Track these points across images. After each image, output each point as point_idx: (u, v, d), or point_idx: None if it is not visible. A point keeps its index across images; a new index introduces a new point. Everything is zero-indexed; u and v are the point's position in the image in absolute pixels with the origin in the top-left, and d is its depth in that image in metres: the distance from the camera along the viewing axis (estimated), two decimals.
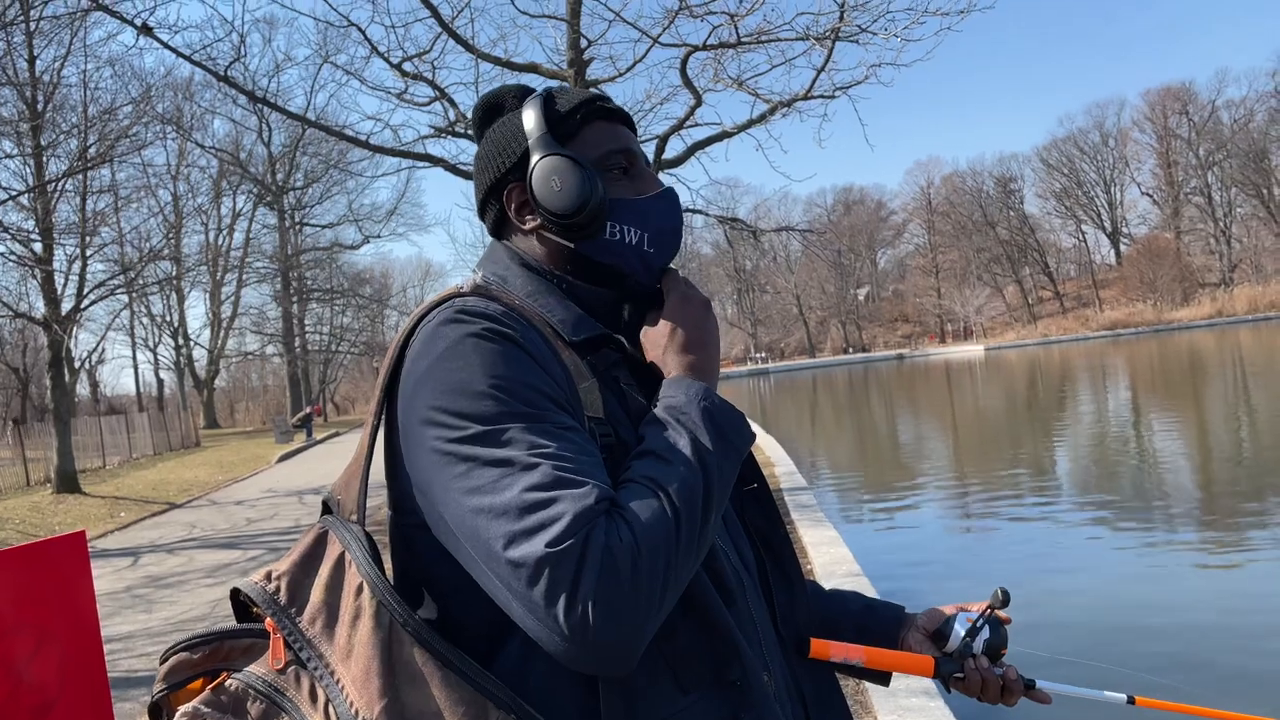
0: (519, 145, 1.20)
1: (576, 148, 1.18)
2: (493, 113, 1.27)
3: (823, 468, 16.76)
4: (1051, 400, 26.51)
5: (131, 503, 17.48)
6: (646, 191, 1.21)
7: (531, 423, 0.98)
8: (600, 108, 1.22)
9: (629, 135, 1.24)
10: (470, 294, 1.12)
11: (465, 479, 0.96)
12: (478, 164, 1.26)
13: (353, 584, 1.01)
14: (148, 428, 31.56)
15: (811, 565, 6.59)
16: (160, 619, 7.61)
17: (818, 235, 71.25)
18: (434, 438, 0.99)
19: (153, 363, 60.08)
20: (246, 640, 1.08)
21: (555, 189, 1.15)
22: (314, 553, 1.07)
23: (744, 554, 1.21)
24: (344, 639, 1.00)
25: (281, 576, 1.05)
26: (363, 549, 1.03)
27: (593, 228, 1.17)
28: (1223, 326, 65.79)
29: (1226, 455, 13.40)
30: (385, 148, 11.01)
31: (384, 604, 0.99)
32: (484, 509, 0.94)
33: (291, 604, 1.03)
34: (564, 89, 1.24)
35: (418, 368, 1.04)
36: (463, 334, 1.03)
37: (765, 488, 1.30)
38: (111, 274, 22.15)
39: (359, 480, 1.08)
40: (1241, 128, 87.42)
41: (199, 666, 1.06)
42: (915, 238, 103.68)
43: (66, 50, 18.58)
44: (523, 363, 1.02)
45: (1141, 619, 6.45)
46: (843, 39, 9.27)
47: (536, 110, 1.19)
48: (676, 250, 1.24)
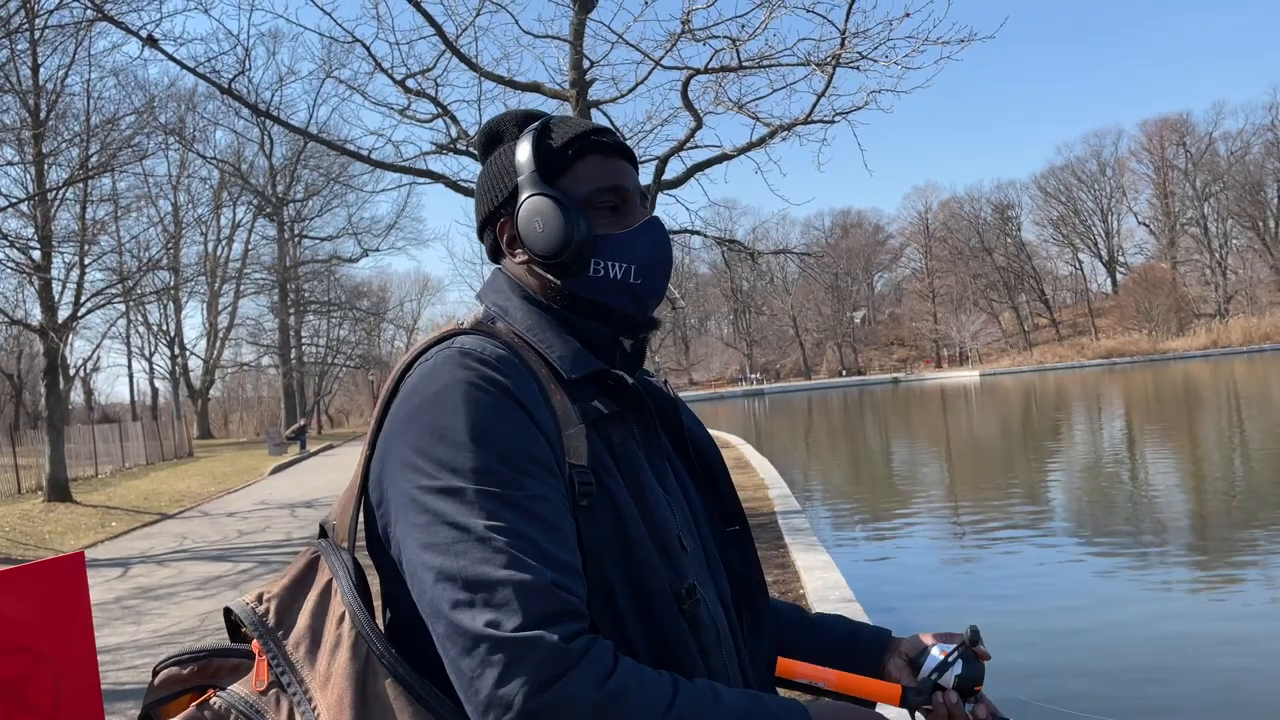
0: (509, 181, 1.20)
1: (567, 183, 1.18)
2: (494, 141, 1.27)
3: (817, 491, 16.75)
4: (1046, 428, 26.53)
5: (123, 512, 17.40)
6: (632, 224, 1.20)
7: (503, 487, 0.98)
8: (595, 142, 1.21)
9: (623, 170, 1.22)
10: (471, 331, 1.13)
11: (424, 531, 0.98)
12: (477, 191, 1.27)
13: (336, 612, 1.03)
14: (141, 437, 31.48)
15: (804, 590, 6.58)
16: (149, 631, 7.56)
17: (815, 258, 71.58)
18: (406, 479, 1.01)
19: (148, 372, 60.01)
20: (235, 659, 1.10)
21: (538, 230, 1.16)
22: (305, 578, 1.08)
23: (723, 595, 1.20)
24: (324, 666, 1.01)
25: (272, 599, 1.07)
26: (348, 577, 1.04)
27: (576, 266, 1.17)
28: (1217, 357, 65.96)
29: (1221, 488, 13.41)
30: (387, 163, 11.05)
31: (363, 635, 1.00)
32: (434, 567, 0.96)
33: (279, 627, 1.05)
34: (564, 120, 1.23)
35: (409, 404, 1.06)
36: (456, 379, 1.04)
37: (747, 530, 1.29)
38: (109, 283, 22.14)
39: (353, 507, 1.10)
40: (1238, 160, 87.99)
41: (188, 682, 1.09)
42: (912, 262, 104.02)
43: (71, 59, 18.68)
44: (511, 417, 1.03)
45: (1132, 657, 6.45)
46: (843, 65, 9.33)
47: (528, 146, 1.19)
48: (666, 278, 1.23)
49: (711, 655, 1.11)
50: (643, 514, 1.11)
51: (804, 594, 6.47)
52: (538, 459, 1.02)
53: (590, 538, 1.05)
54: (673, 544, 1.13)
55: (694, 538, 1.19)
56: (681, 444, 1.28)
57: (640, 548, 1.08)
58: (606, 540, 1.06)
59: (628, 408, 1.18)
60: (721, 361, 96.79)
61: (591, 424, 1.12)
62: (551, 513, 1.00)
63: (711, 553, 1.22)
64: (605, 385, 1.17)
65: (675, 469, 1.25)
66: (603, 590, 1.05)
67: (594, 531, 1.06)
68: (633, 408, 1.19)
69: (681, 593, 1.10)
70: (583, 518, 1.05)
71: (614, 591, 1.06)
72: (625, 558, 1.07)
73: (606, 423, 1.14)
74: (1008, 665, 6.30)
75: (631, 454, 1.14)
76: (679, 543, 1.14)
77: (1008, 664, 6.32)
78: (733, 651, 1.17)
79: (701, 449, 1.30)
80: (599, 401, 1.14)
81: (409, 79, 10.17)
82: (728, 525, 1.28)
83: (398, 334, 72.22)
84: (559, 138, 1.20)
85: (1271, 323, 74.59)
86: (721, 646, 1.14)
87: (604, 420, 1.14)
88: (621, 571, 1.07)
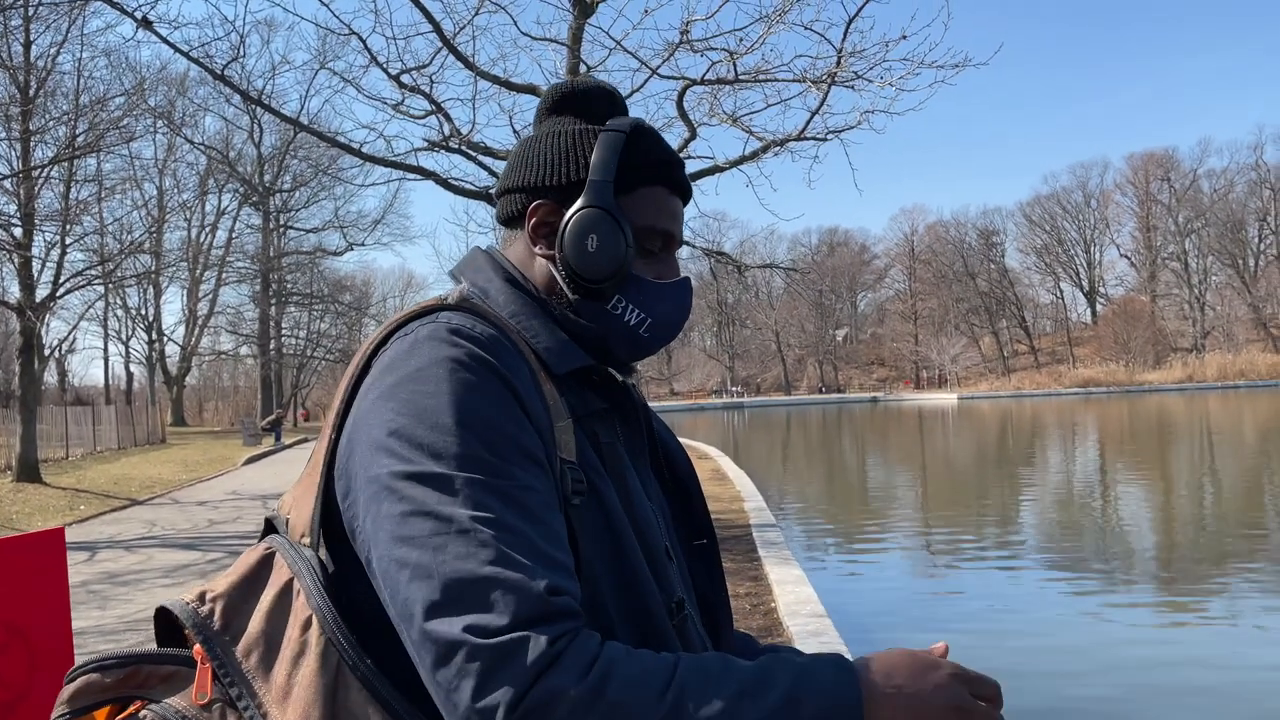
0: (575, 171, 1.09)
1: (628, 204, 1.10)
2: (566, 108, 1.15)
3: (793, 505, 16.78)
4: (1021, 453, 26.71)
5: (92, 496, 17.21)
6: (665, 277, 1.13)
7: (489, 476, 0.88)
8: (670, 177, 1.13)
9: (679, 213, 1.15)
10: (458, 307, 1.03)
11: (399, 523, 0.86)
12: (524, 151, 1.14)
13: (300, 616, 0.91)
14: (114, 421, 31.19)
15: (776, 604, 6.58)
16: (114, 617, 7.48)
17: (801, 274, 71.88)
18: (379, 464, 0.90)
19: (124, 355, 59.58)
20: (169, 667, 0.95)
21: (588, 248, 1.07)
22: (257, 575, 0.96)
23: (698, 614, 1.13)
24: (282, 678, 0.89)
25: (218, 599, 0.94)
26: (314, 577, 0.92)
27: (600, 295, 1.09)
28: (1193, 392, 66.65)
29: (1190, 518, 13.54)
30: (377, 157, 11.00)
31: (334, 643, 0.89)
32: (408, 563, 0.85)
33: (225, 631, 0.92)
34: (652, 132, 1.14)
35: (384, 381, 0.95)
36: (443, 355, 0.94)
37: (715, 545, 1.22)
38: (90, 264, 21.93)
39: (314, 498, 0.97)
40: (1221, 198, 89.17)
41: (109, 691, 0.94)
42: (896, 283, 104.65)
43: (63, 37, 18.57)
44: (500, 401, 0.93)
45: (1092, 680, 6.49)
46: (838, 84, 9.38)
47: (613, 150, 1.09)
48: (671, 340, 1.17)
49: None
50: (631, 519, 1.02)
51: (776, 607, 6.49)
52: (527, 450, 0.92)
53: (582, 540, 0.95)
54: (659, 554, 1.05)
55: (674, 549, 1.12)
56: (653, 452, 1.20)
57: (631, 555, 1.00)
58: (598, 544, 0.97)
59: (614, 407, 1.11)
60: (703, 373, 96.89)
61: (579, 420, 1.03)
62: (543, 507, 0.90)
63: (683, 567, 1.14)
64: (591, 382, 1.09)
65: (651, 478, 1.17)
66: (593, 599, 0.95)
67: (584, 534, 0.96)
68: (618, 408, 1.12)
69: (672, 606, 1.03)
70: (574, 517, 0.96)
71: (605, 602, 0.96)
72: (616, 564, 0.98)
73: (594, 420, 1.06)
74: None
75: (618, 455, 1.07)
76: (666, 553, 1.07)
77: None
78: None
79: (673, 457, 1.22)
80: (585, 397, 1.06)
81: (404, 74, 10.14)
82: (695, 539, 1.20)
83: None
84: (643, 155, 1.11)
85: (1247, 360, 75.52)
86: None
87: (591, 417, 1.06)
88: (612, 580, 0.98)
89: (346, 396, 0.99)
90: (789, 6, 9.13)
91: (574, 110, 1.15)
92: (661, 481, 1.19)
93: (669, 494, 1.20)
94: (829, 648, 5.31)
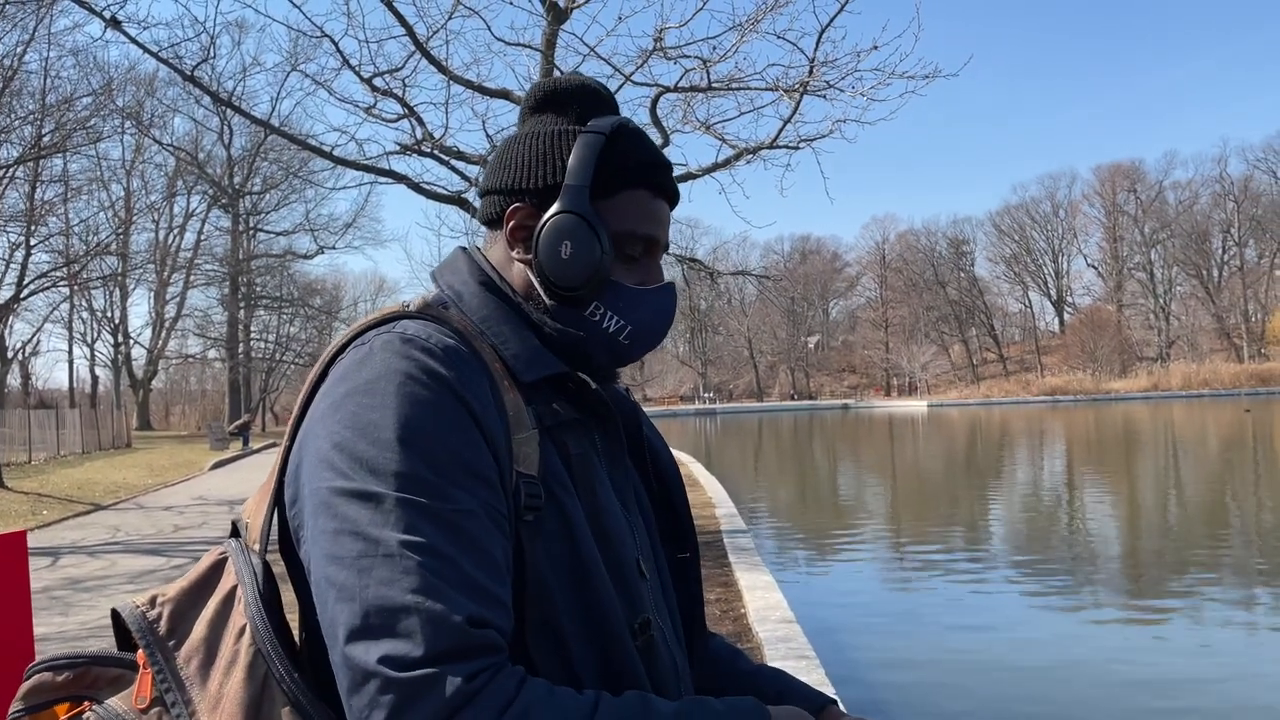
0: (552, 174, 1.06)
1: (607, 210, 1.06)
2: (549, 107, 1.12)
3: (763, 512, 16.83)
4: (990, 461, 26.96)
5: (55, 501, 16.95)
6: (647, 283, 1.10)
7: (426, 497, 0.86)
8: (654, 179, 1.09)
9: (664, 218, 1.11)
10: (417, 315, 1.00)
11: (331, 540, 0.86)
12: (505, 152, 1.11)
13: (236, 624, 0.91)
14: (78, 425, 30.77)
15: (746, 610, 6.60)
16: (77, 623, 7.37)
17: (773, 281, 72.23)
18: (320, 477, 0.89)
19: (89, 358, 58.65)
20: (118, 669, 0.96)
21: (562, 255, 1.04)
22: (208, 580, 0.96)
23: (677, 628, 1.11)
24: (215, 686, 0.89)
25: (167, 603, 0.95)
26: (254, 585, 0.92)
27: (576, 302, 1.06)
28: (1157, 400, 67.59)
29: (1155, 525, 13.72)
30: (349, 160, 10.94)
31: (262, 653, 0.88)
32: (335, 584, 0.84)
33: (170, 636, 0.93)
34: (635, 136, 1.10)
35: (335, 391, 0.93)
36: (393, 368, 0.91)
37: (696, 557, 1.18)
38: (55, 265, 21.64)
39: (269, 503, 0.97)
40: (1186, 209, 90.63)
41: (61, 690, 0.95)
42: (867, 291, 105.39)
43: (30, 36, 18.34)
44: (449, 416, 0.90)
45: (1062, 688, 6.55)
46: (810, 93, 9.46)
47: (591, 153, 1.05)
48: (653, 348, 1.13)
49: (669, 695, 0.99)
50: (598, 534, 0.99)
51: (745, 613, 6.50)
52: (473, 469, 0.90)
53: (535, 559, 0.93)
54: (630, 570, 1.01)
55: (652, 564, 1.08)
56: (640, 458, 1.16)
57: (593, 572, 0.96)
58: (555, 561, 0.94)
59: (589, 416, 1.07)
60: (676, 379, 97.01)
61: (546, 430, 1.00)
62: (480, 532, 0.88)
63: (666, 581, 1.12)
64: (565, 390, 1.05)
65: (635, 486, 1.13)
66: (548, 619, 0.93)
67: (540, 551, 0.94)
68: (596, 416, 1.08)
69: (635, 627, 0.99)
70: (527, 534, 0.93)
71: (561, 622, 0.94)
72: (576, 583, 0.95)
73: (563, 430, 1.02)
74: (934, 689, 6.37)
75: (589, 466, 1.03)
76: (638, 569, 1.03)
77: (934, 686, 6.40)
78: (691, 690, 1.08)
79: (661, 464, 1.19)
80: (558, 405, 1.03)
81: (376, 78, 10.09)
82: (678, 550, 1.17)
83: None
84: (623, 158, 1.07)
85: (1210, 369, 76.71)
86: (680, 685, 1.04)
87: (561, 427, 1.02)
88: (571, 599, 0.95)
89: (303, 403, 0.98)
90: (762, 15, 9.20)
91: (556, 109, 1.11)
92: (648, 490, 1.16)
93: (654, 503, 1.16)
94: (796, 653, 5.33)
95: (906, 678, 6.73)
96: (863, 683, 6.43)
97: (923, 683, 6.61)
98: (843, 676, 5.74)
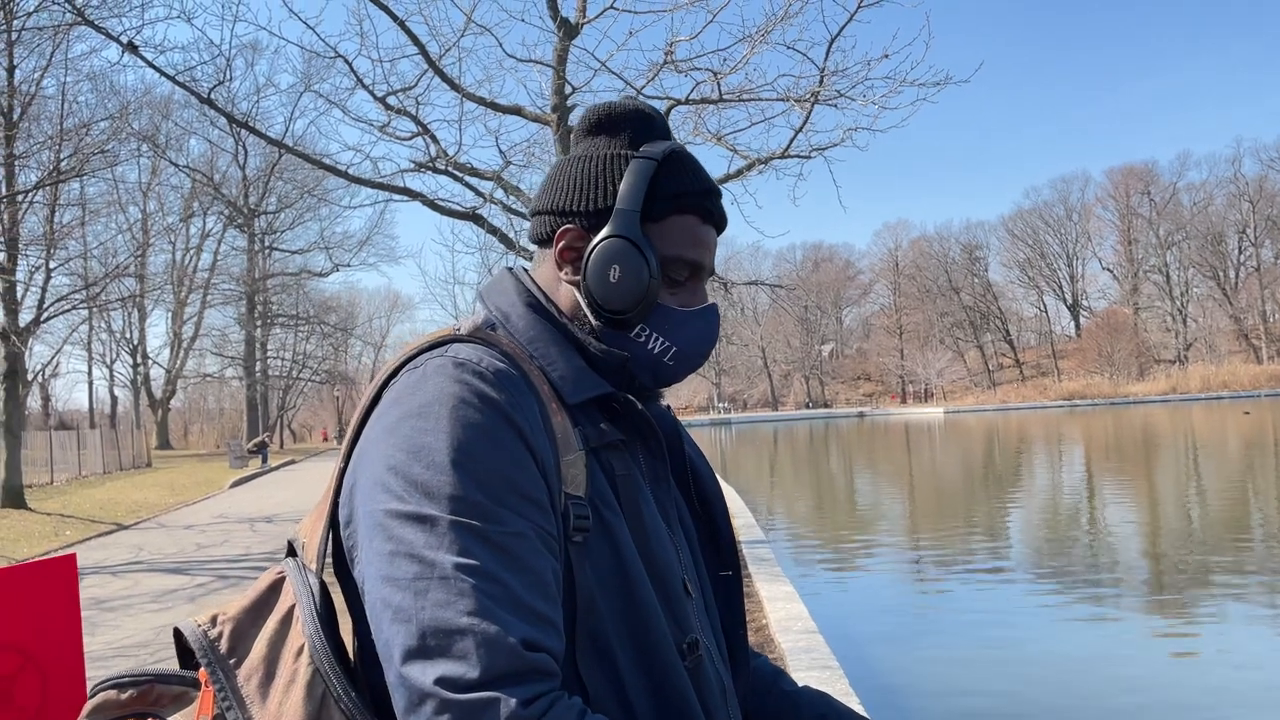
0: (603, 197, 1.07)
1: (656, 233, 1.07)
2: (603, 130, 1.12)
3: (782, 521, 16.79)
4: (1010, 467, 26.81)
5: (78, 521, 17.07)
6: (691, 305, 1.11)
7: (479, 520, 0.88)
8: (703, 206, 1.10)
9: (711, 243, 1.12)
10: (468, 338, 1.02)
11: (387, 562, 0.88)
12: (558, 174, 1.13)
13: (294, 644, 0.93)
14: (99, 445, 30.98)
15: (768, 621, 6.60)
16: (102, 643, 7.42)
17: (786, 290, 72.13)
18: (375, 499, 0.91)
19: (108, 379, 59.23)
20: (180, 687, 0.98)
21: (611, 279, 1.05)
22: (266, 600, 0.98)
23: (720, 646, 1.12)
24: (275, 704, 0.91)
25: (227, 622, 0.97)
26: (312, 605, 0.94)
27: (623, 324, 1.07)
28: (1176, 403, 67.06)
29: (1177, 530, 13.61)
30: (363, 179, 11.04)
31: (320, 673, 0.90)
32: (391, 605, 0.86)
33: (231, 654, 0.94)
34: (686, 162, 1.11)
35: (389, 415, 0.95)
36: (445, 391, 0.93)
37: (739, 576, 1.19)
38: (74, 288, 21.86)
39: (324, 523, 0.99)
40: (1201, 210, 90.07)
41: (126, 708, 0.97)
42: (881, 298, 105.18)
43: (48, 62, 18.53)
44: (500, 440, 0.92)
45: (1081, 697, 6.51)
46: (821, 102, 9.48)
47: (643, 179, 1.06)
48: (697, 369, 1.14)
49: (717, 715, 1.02)
50: (644, 555, 1.00)
51: (767, 624, 6.50)
52: (524, 492, 0.92)
53: (585, 580, 0.94)
54: (676, 590, 1.03)
55: (696, 583, 1.09)
56: (682, 477, 1.17)
57: (641, 593, 0.97)
58: (604, 583, 0.96)
59: (634, 435, 1.08)
60: (690, 389, 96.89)
61: (593, 451, 1.01)
62: (531, 555, 0.90)
63: (710, 599, 1.13)
64: (610, 409, 1.07)
65: (678, 504, 1.14)
66: (598, 640, 0.94)
67: (589, 572, 0.95)
68: (640, 435, 1.09)
69: (684, 647, 1.00)
70: (576, 556, 0.95)
71: (610, 643, 0.95)
72: (624, 603, 0.96)
73: (609, 451, 1.04)
74: (960, 697, 6.35)
75: (636, 487, 1.04)
76: (684, 588, 1.04)
77: (960, 695, 6.37)
78: (738, 710, 1.09)
79: (702, 482, 1.19)
80: (603, 426, 1.04)
81: (390, 96, 10.19)
82: (721, 569, 1.17)
83: (365, 350, 71.84)
84: (674, 184, 1.08)
85: (1229, 371, 76.09)
86: (728, 705, 1.06)
87: (606, 448, 1.03)
88: (620, 620, 0.96)
89: (358, 426, 1.00)
90: (772, 26, 9.25)
91: (610, 132, 1.12)
92: (691, 509, 1.17)
93: (697, 522, 1.17)
94: (819, 663, 5.33)
95: (931, 687, 6.70)
96: (886, 691, 6.41)
97: (949, 691, 6.58)
98: (867, 686, 5.73)
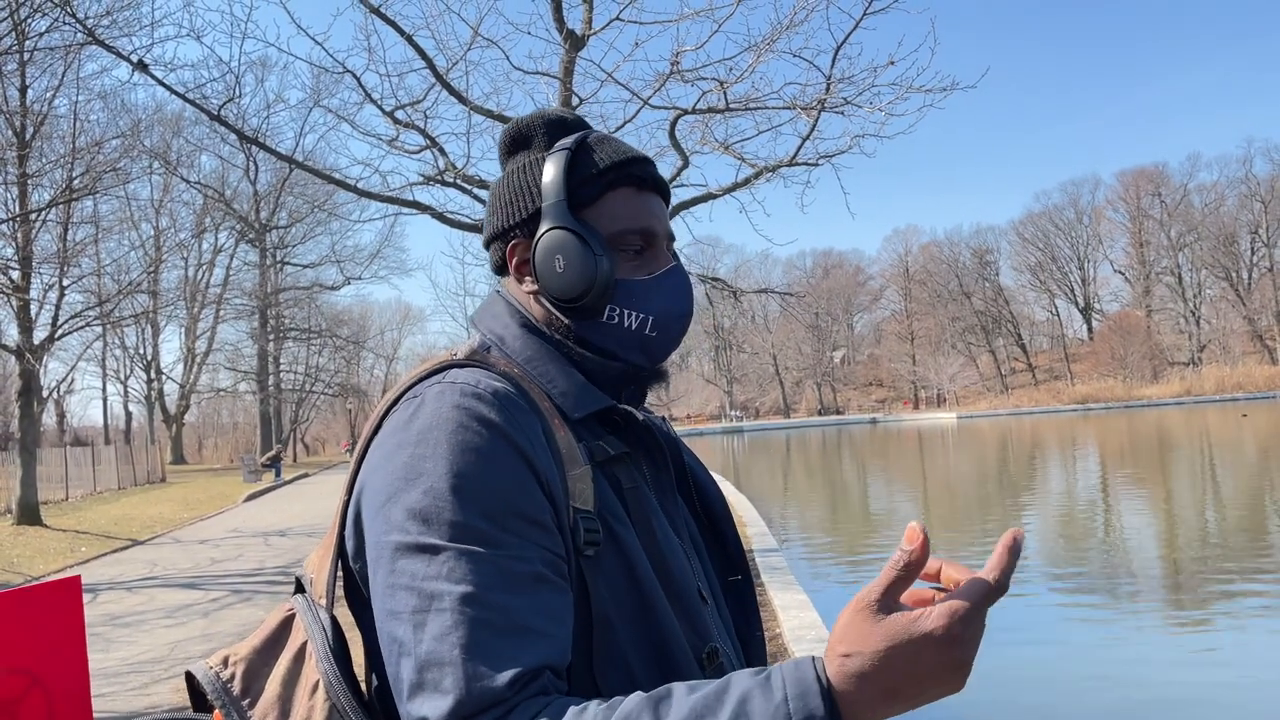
0: (531, 201, 1.08)
1: (593, 215, 1.07)
2: (518, 145, 1.14)
3: (795, 529, 16.74)
4: (1024, 472, 26.67)
5: (93, 537, 17.15)
6: (655, 271, 1.10)
7: (480, 545, 0.87)
8: (630, 174, 1.09)
9: (655, 208, 1.11)
10: (464, 363, 1.01)
11: (390, 595, 0.88)
12: (491, 199, 1.15)
13: (309, 680, 0.93)
14: (114, 461, 31.11)
15: (781, 629, 6.57)
16: (117, 659, 7.44)
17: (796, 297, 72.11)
18: (379, 528, 0.91)
19: (122, 395, 59.54)
20: None
21: (557, 270, 1.05)
22: (277, 638, 0.98)
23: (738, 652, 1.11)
24: None
25: (239, 662, 0.97)
26: (325, 640, 0.94)
27: (590, 311, 1.07)
28: (1191, 405, 66.63)
29: (1195, 535, 13.51)
30: (373, 193, 11.07)
31: (337, 708, 0.90)
32: (395, 639, 0.87)
33: (245, 695, 0.94)
34: (601, 141, 1.11)
35: (388, 444, 0.95)
36: (443, 417, 0.93)
37: (749, 580, 1.18)
38: (88, 304, 21.98)
39: (332, 557, 0.98)
40: (1212, 211, 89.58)
41: None
42: (892, 304, 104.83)
43: (59, 81, 18.68)
44: (502, 462, 0.91)
45: (1102, 701, 6.47)
46: (828, 110, 9.47)
47: (559, 169, 1.07)
48: (684, 331, 1.13)
49: None
50: (657, 565, 1.00)
51: (781, 633, 6.47)
52: (526, 514, 0.91)
53: (598, 593, 0.94)
54: (692, 598, 1.02)
55: (709, 590, 1.09)
56: (684, 486, 1.17)
57: (656, 604, 0.97)
58: (617, 595, 0.95)
59: (637, 447, 1.08)
60: (702, 398, 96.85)
61: (598, 465, 1.01)
62: (535, 577, 0.89)
63: (723, 606, 1.12)
64: (611, 423, 1.07)
65: (684, 516, 1.14)
66: (615, 654, 0.93)
67: (602, 586, 0.94)
68: (643, 447, 1.09)
69: (704, 656, 0.99)
70: (588, 570, 0.94)
71: (628, 655, 0.94)
72: (640, 615, 0.96)
73: (614, 464, 1.04)
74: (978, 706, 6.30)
75: (643, 498, 1.04)
76: (699, 596, 1.04)
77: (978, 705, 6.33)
78: None
79: (705, 491, 1.19)
80: (605, 441, 1.04)
81: (398, 110, 10.23)
82: (730, 575, 1.17)
83: (377, 363, 72.06)
84: (594, 164, 1.08)
85: (1244, 372, 75.56)
86: None
87: (612, 461, 1.03)
88: (636, 631, 0.95)
89: (359, 458, 1.00)
90: (778, 35, 9.24)
91: (524, 145, 1.14)
92: (695, 517, 1.17)
93: (702, 529, 1.17)
94: None
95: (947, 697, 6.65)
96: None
97: (961, 701, 6.53)
98: None
